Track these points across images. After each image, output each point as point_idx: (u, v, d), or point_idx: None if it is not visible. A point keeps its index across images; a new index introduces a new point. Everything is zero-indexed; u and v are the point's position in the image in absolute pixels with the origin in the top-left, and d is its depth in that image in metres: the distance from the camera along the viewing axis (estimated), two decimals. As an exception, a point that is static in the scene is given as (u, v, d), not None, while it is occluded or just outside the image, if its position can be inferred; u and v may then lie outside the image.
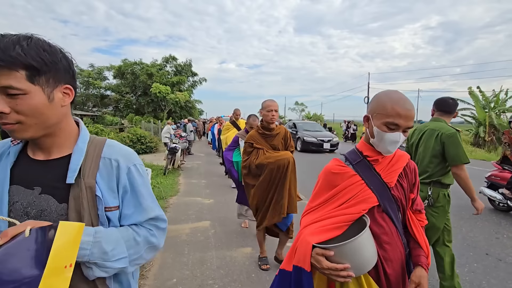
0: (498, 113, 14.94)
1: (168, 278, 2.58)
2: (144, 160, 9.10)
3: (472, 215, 4.29)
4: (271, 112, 2.57)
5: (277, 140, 2.66)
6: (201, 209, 4.58)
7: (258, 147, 2.59)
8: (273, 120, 2.58)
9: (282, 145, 2.70)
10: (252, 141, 2.61)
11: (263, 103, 2.65)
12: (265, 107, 2.60)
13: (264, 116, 2.61)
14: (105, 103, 28.04)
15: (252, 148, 2.61)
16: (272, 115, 2.56)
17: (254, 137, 2.63)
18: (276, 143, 2.66)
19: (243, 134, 3.27)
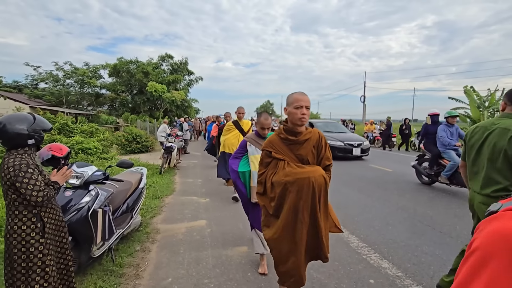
0: (492, 112, 15.12)
1: (163, 278, 2.57)
2: (140, 159, 9.06)
3: (466, 213, 4.35)
4: (301, 110, 1.77)
5: (306, 149, 1.87)
6: (197, 208, 4.57)
7: (279, 158, 1.86)
8: (303, 121, 1.80)
9: (313, 156, 1.90)
10: (270, 148, 1.90)
11: (289, 97, 1.89)
12: (292, 102, 1.81)
13: (290, 115, 1.83)
14: (100, 102, 27.79)
15: (270, 159, 1.90)
16: (302, 113, 1.78)
17: (274, 144, 1.91)
18: (304, 153, 1.87)
19: (253, 138, 2.63)
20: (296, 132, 1.85)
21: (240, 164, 2.63)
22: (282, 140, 1.90)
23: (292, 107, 1.80)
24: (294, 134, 1.87)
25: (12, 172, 1.60)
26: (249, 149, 2.61)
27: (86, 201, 2.39)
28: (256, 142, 2.60)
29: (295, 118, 1.79)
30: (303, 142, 1.87)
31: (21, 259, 1.66)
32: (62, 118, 10.35)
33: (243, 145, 2.70)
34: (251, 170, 2.53)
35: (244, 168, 2.60)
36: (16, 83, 28.56)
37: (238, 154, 2.69)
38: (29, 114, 1.80)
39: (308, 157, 1.88)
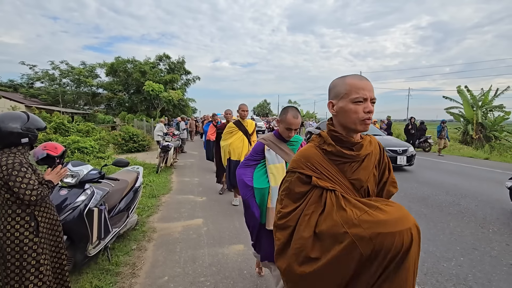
0: (485, 111, 15.26)
1: (159, 276, 2.58)
2: (137, 159, 9.04)
3: (460, 211, 4.41)
4: (364, 105, 1.07)
5: (366, 169, 1.16)
6: (194, 207, 4.58)
7: (325, 187, 1.09)
8: (366, 125, 1.09)
9: (374, 182, 1.20)
10: (308, 170, 1.14)
11: (338, 84, 1.13)
12: (348, 92, 1.08)
13: (344, 114, 1.10)
14: (97, 101, 27.66)
15: (307, 187, 1.13)
16: (366, 110, 1.06)
17: (313, 162, 1.14)
18: (364, 177, 1.15)
19: (273, 141, 2.04)
20: (353, 143, 1.11)
21: (254, 176, 2.01)
22: (329, 155, 1.12)
23: (348, 101, 1.05)
24: (350, 146, 1.11)
25: (5, 171, 1.59)
26: (268, 155, 2.01)
27: (81, 200, 2.39)
28: (277, 146, 2.03)
29: (354, 119, 1.05)
30: (363, 159, 1.13)
31: (15, 258, 1.65)
32: (58, 117, 10.30)
33: (258, 149, 2.06)
34: (271, 185, 1.94)
35: (262, 183, 1.97)
36: (11, 82, 28.33)
37: (251, 162, 2.07)
38: (22, 113, 1.79)
39: (369, 184, 1.15)
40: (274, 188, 1.91)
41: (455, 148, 13.49)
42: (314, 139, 1.21)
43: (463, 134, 16.18)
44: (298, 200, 1.13)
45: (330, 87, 1.17)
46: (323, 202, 1.07)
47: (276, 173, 1.96)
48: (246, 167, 2.09)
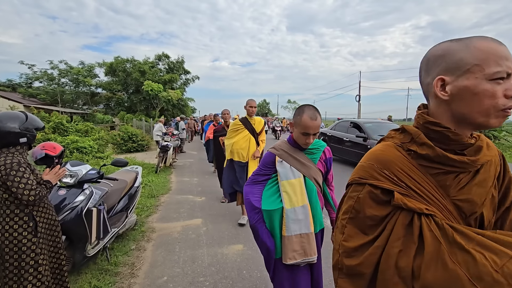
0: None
1: (158, 276, 2.58)
2: (136, 158, 9.03)
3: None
4: (502, 85, 0.64)
5: (482, 185, 0.72)
6: (193, 207, 4.57)
7: (420, 210, 0.67)
8: (501, 120, 0.66)
9: (492, 204, 0.76)
10: (385, 179, 0.73)
11: (456, 47, 0.69)
12: (485, 61, 0.64)
13: (469, 98, 0.66)
14: (96, 101, 27.61)
15: (388, 210, 0.72)
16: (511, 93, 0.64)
17: (394, 167, 0.74)
18: (477, 197, 0.72)
19: (286, 150, 1.64)
20: (465, 144, 0.72)
21: (264, 195, 1.62)
22: (421, 161, 0.74)
23: (481, 77, 0.65)
24: (460, 149, 0.73)
25: (3, 171, 1.59)
26: (280, 168, 1.59)
27: (80, 200, 2.39)
28: (291, 156, 1.60)
29: (488, 106, 0.65)
30: (477, 169, 0.74)
31: (13, 258, 1.65)
32: (57, 117, 10.27)
33: (268, 161, 1.66)
34: (285, 207, 1.54)
35: (272, 203, 1.58)
36: (10, 81, 28.23)
37: (260, 177, 1.68)
38: (21, 113, 1.78)
39: (484, 209, 0.74)
40: (290, 211, 1.52)
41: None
42: (394, 135, 0.81)
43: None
44: (371, 230, 0.73)
45: (439, 53, 0.71)
46: (417, 235, 0.66)
47: (292, 191, 1.55)
48: (253, 184, 1.67)
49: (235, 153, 3.75)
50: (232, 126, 3.86)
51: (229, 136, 3.86)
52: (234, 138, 3.75)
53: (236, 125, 3.82)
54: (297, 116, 1.53)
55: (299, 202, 1.54)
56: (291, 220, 1.52)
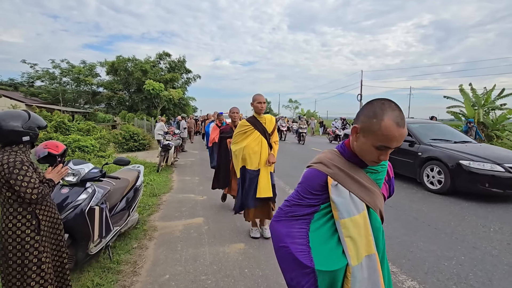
0: (487, 110, 15.23)
1: (161, 274, 2.59)
2: (137, 157, 9.05)
3: (461, 210, 4.40)
4: None
5: None
6: (195, 206, 4.58)
7: None
8: None
9: None
10: None
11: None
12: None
13: None
14: (97, 100, 27.68)
15: None
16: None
17: None
18: None
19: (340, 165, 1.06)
20: None
21: (313, 241, 1.01)
22: None
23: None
24: None
25: (6, 169, 1.59)
26: (337, 197, 1.02)
27: (83, 198, 2.39)
28: (350, 177, 1.05)
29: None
30: None
31: (17, 256, 1.66)
32: (59, 116, 10.29)
33: (315, 184, 1.05)
34: (350, 264, 0.98)
35: (334, 258, 0.99)
36: (11, 81, 28.34)
37: (299, 209, 1.06)
38: (23, 111, 1.79)
39: None
40: (356, 270, 0.97)
41: (456, 147, 13.46)
42: None
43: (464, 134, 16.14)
44: None
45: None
46: None
47: (357, 234, 0.99)
48: (290, 220, 1.06)
49: (247, 160, 3.16)
50: (239, 128, 3.25)
51: (236, 140, 3.28)
52: (244, 142, 3.19)
53: (244, 126, 3.20)
54: (372, 119, 0.93)
55: (366, 251, 1.01)
56: (358, 282, 0.97)
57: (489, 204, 4.69)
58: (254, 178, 3.17)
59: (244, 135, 3.22)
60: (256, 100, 3.17)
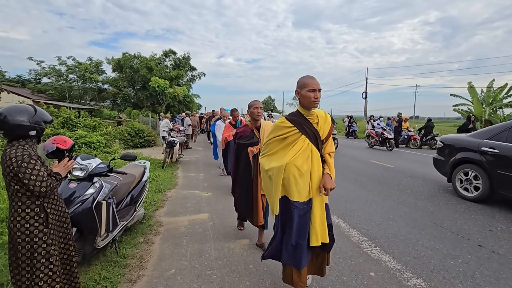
0: (494, 109, 15.00)
1: (166, 269, 2.61)
2: (142, 154, 9.11)
3: (467, 208, 4.36)
4: None
5: None
6: (199, 202, 4.60)
7: None
8: None
9: None
10: None
11: None
12: None
13: None
14: (103, 96, 27.86)
15: None
16: None
17: None
18: None
19: None
20: None
21: None
22: None
23: None
24: None
25: (15, 163, 1.61)
26: None
27: (90, 193, 2.42)
28: None
29: None
30: None
31: (26, 249, 1.68)
32: (66, 112, 10.40)
33: None
34: None
35: None
36: (19, 77, 28.66)
37: None
38: (29, 106, 1.80)
39: None
40: None
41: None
42: None
43: (471, 132, 15.94)
44: None
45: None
46: None
47: None
48: None
49: (292, 185, 1.90)
50: (275, 132, 2.00)
51: (269, 151, 2.04)
52: (285, 155, 1.94)
53: (284, 129, 1.96)
54: None
55: None
56: None
57: (496, 203, 4.64)
58: (304, 216, 1.91)
59: (283, 142, 1.96)
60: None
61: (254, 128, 3.01)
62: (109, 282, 2.35)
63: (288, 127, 1.95)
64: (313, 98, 1.89)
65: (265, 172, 2.03)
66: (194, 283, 2.40)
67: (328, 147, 2.03)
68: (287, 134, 1.94)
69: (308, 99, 1.90)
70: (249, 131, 3.01)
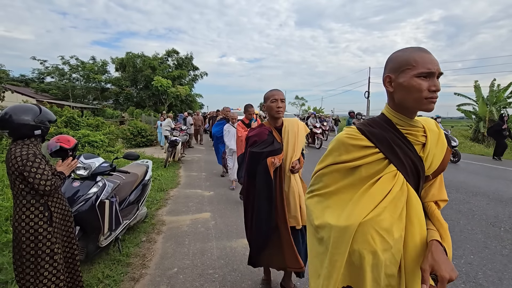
0: (498, 108, 14.88)
1: (169, 268, 2.62)
2: (145, 153, 9.14)
3: (470, 209, 4.34)
4: None
5: None
6: (202, 201, 4.62)
7: None
8: None
9: None
10: None
11: None
12: None
13: None
14: (106, 96, 28.00)
15: None
16: None
17: None
18: None
19: None
20: None
21: None
22: None
23: None
24: None
25: (20, 162, 1.63)
26: None
27: (93, 191, 2.44)
28: None
29: None
30: None
31: (30, 247, 1.69)
32: (69, 112, 10.46)
33: None
34: None
35: None
36: (23, 77, 28.86)
37: None
38: (34, 105, 1.82)
39: None
40: None
41: (466, 145, 13.23)
42: None
43: (474, 132, 15.84)
44: None
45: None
46: None
47: None
48: None
49: (367, 272, 0.93)
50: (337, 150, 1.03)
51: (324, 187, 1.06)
52: (357, 203, 0.95)
53: (355, 148, 0.99)
54: None
55: None
56: None
57: (500, 203, 4.61)
58: None
59: (352, 176, 1.00)
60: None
61: (274, 129, 2.04)
62: (112, 281, 2.36)
63: (364, 148, 0.98)
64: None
65: (314, 230, 1.08)
66: (196, 282, 2.41)
67: (437, 190, 1.05)
68: (361, 160, 0.98)
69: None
70: (266, 133, 2.02)
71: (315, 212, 1.06)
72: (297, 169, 1.99)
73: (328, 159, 1.05)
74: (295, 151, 2.00)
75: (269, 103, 2.01)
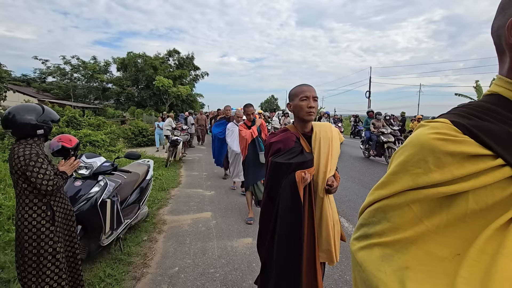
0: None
1: (170, 267, 2.63)
2: (146, 153, 9.16)
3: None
4: None
5: None
6: (203, 201, 4.63)
7: None
8: None
9: None
10: None
11: None
12: None
13: None
14: (107, 95, 28.04)
15: None
16: None
17: None
18: None
19: None
20: None
21: None
22: None
23: None
24: None
25: (22, 161, 1.63)
26: None
27: (95, 191, 2.45)
28: None
29: None
30: None
31: (32, 246, 1.70)
32: (70, 111, 10.49)
33: None
34: None
35: None
36: (24, 76, 28.93)
37: None
38: (37, 105, 1.83)
39: None
40: None
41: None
42: None
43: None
44: None
45: None
46: None
47: None
48: None
49: None
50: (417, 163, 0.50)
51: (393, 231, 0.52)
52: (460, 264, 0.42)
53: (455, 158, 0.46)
54: None
55: None
56: None
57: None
58: None
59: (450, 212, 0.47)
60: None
61: (301, 136, 1.62)
62: (114, 279, 2.37)
63: (474, 158, 0.46)
64: None
65: None
66: (198, 281, 2.42)
67: None
68: (469, 180, 0.46)
69: None
70: (293, 140, 1.60)
71: (380, 279, 0.51)
72: (334, 188, 1.53)
73: (399, 180, 0.54)
74: (330, 165, 1.54)
75: (298, 102, 1.55)
